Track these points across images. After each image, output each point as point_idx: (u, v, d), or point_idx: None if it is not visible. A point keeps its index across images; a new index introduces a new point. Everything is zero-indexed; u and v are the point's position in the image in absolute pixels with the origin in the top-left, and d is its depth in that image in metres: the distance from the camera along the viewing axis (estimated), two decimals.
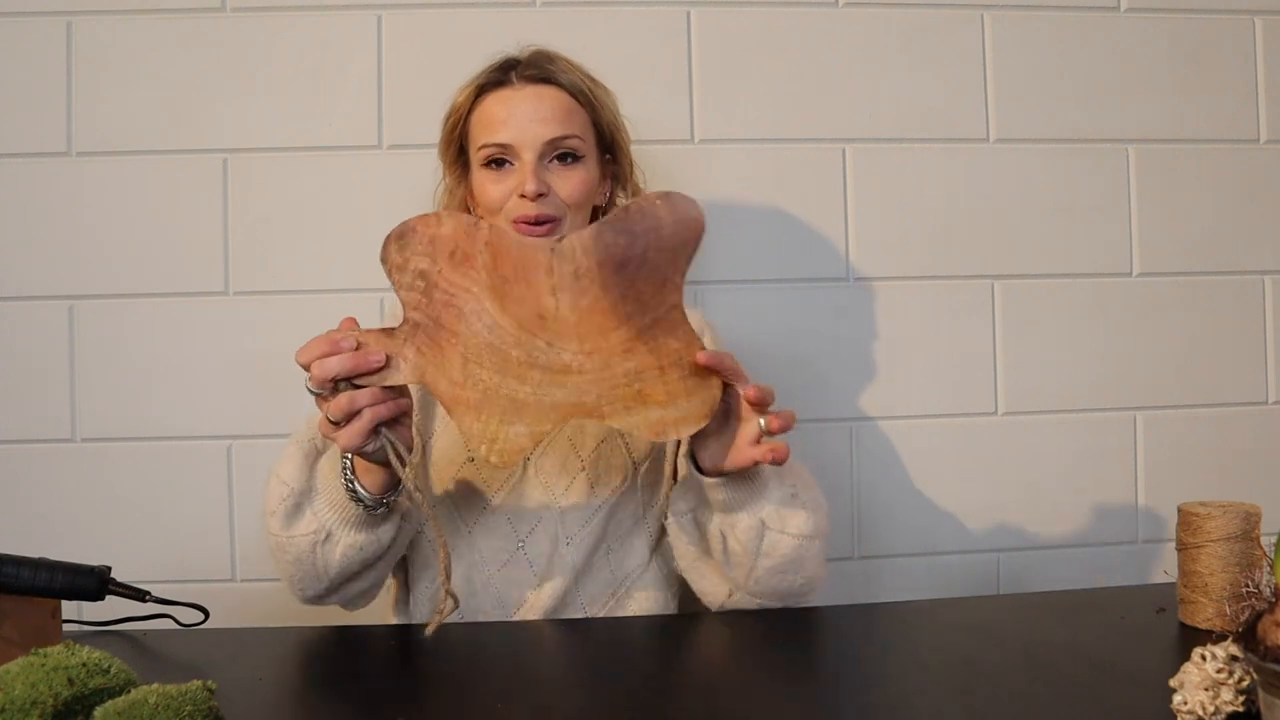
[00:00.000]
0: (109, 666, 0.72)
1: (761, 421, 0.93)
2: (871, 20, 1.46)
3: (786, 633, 1.02)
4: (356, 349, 0.88)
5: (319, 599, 1.06)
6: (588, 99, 1.14)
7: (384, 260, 0.87)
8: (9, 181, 1.38)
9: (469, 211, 1.18)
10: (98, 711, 0.67)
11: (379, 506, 0.99)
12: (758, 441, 0.94)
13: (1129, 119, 1.49)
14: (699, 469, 1.00)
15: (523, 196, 1.08)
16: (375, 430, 0.89)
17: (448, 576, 0.90)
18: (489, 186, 1.11)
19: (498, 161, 1.11)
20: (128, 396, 1.38)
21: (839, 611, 1.11)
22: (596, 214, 1.19)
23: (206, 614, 1.09)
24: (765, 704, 0.82)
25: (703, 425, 0.91)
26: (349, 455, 0.97)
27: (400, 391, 0.91)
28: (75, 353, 1.38)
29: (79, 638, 0.91)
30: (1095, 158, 1.49)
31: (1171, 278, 1.50)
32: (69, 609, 1.01)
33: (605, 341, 0.89)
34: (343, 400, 0.88)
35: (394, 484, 0.98)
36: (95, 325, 1.38)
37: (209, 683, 0.71)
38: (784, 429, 0.93)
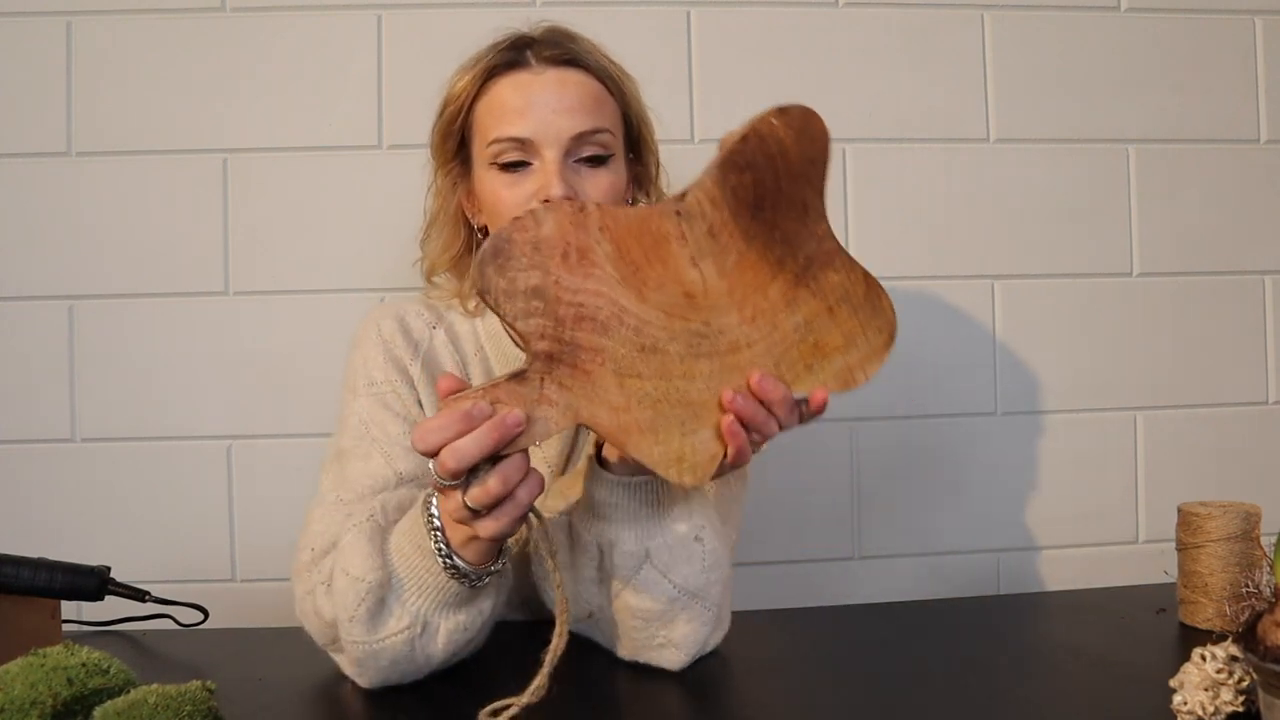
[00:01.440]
0: (109, 666, 0.72)
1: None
2: (871, 20, 1.46)
3: (785, 632, 1.02)
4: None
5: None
6: (617, 86, 0.99)
7: (485, 292, 0.69)
8: (9, 181, 1.38)
9: (467, 220, 1.04)
10: (97, 711, 0.67)
11: (484, 578, 0.81)
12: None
13: (1129, 119, 1.49)
14: (601, 461, 0.84)
15: (545, 203, 0.89)
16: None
17: (563, 626, 0.76)
18: (502, 191, 0.94)
19: (512, 162, 0.95)
20: (128, 396, 1.38)
21: (839, 611, 1.11)
22: None
23: (206, 614, 1.09)
24: (765, 703, 0.82)
25: (887, 357, 0.81)
26: (441, 528, 0.78)
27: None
28: (75, 353, 1.38)
29: (79, 638, 0.91)
30: (1095, 158, 1.49)
31: (1171, 278, 1.50)
32: (69, 609, 1.01)
33: (765, 300, 0.78)
34: (495, 488, 0.71)
35: (498, 550, 0.81)
36: (95, 325, 1.38)
37: (209, 683, 0.71)
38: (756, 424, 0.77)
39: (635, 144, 1.03)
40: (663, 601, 0.84)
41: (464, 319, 1.06)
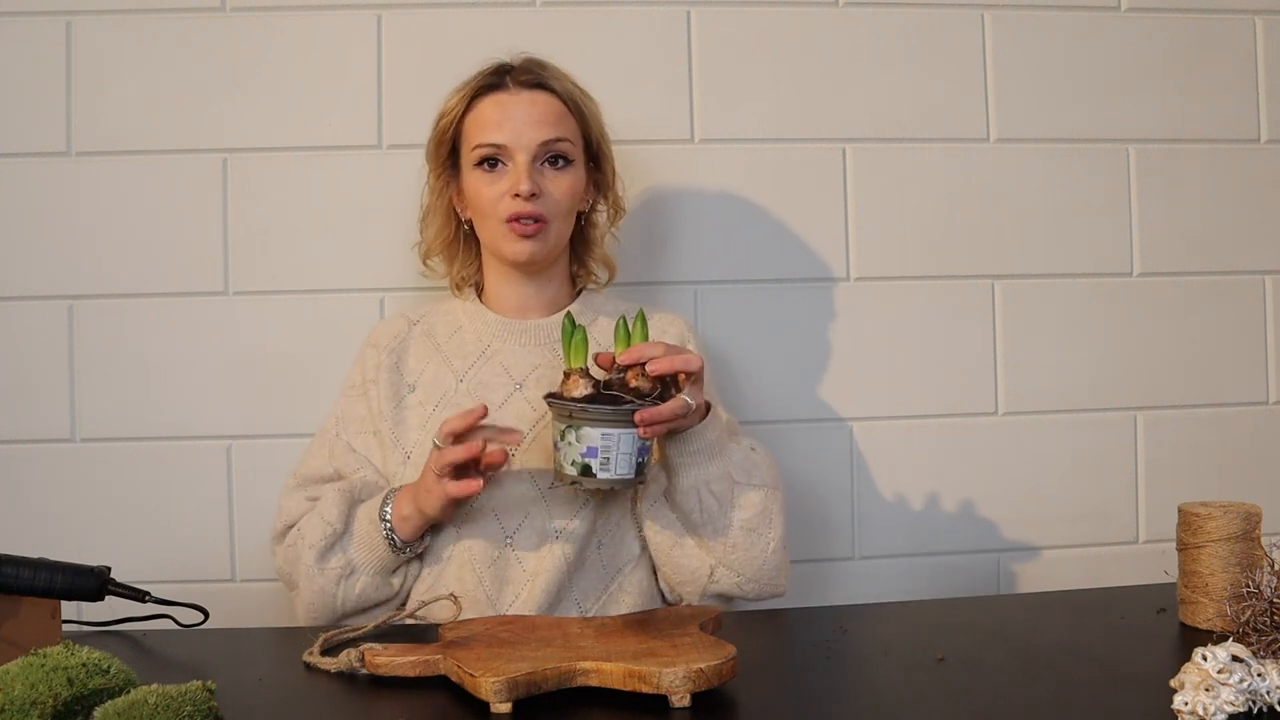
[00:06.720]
0: (109, 667, 0.72)
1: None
2: (871, 20, 1.46)
3: (786, 631, 1.02)
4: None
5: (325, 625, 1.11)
6: (577, 107, 1.19)
7: None
8: (9, 181, 1.38)
9: (455, 213, 1.23)
10: (98, 711, 0.68)
11: (406, 550, 1.11)
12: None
13: (1129, 119, 1.49)
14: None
15: (516, 196, 1.13)
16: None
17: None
18: (482, 188, 1.16)
19: (490, 162, 1.16)
20: (127, 396, 1.38)
21: (840, 611, 1.11)
22: (579, 219, 1.24)
23: (206, 614, 1.09)
24: (764, 703, 0.82)
25: None
26: (389, 506, 1.10)
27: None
28: (75, 353, 1.38)
29: (79, 638, 0.91)
30: (1095, 158, 1.49)
31: (1171, 278, 1.50)
32: (69, 609, 1.01)
33: None
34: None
35: (421, 535, 1.11)
36: (95, 325, 1.38)
37: (209, 683, 0.71)
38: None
39: (595, 155, 1.23)
40: (759, 501, 1.08)
41: (446, 309, 1.26)
